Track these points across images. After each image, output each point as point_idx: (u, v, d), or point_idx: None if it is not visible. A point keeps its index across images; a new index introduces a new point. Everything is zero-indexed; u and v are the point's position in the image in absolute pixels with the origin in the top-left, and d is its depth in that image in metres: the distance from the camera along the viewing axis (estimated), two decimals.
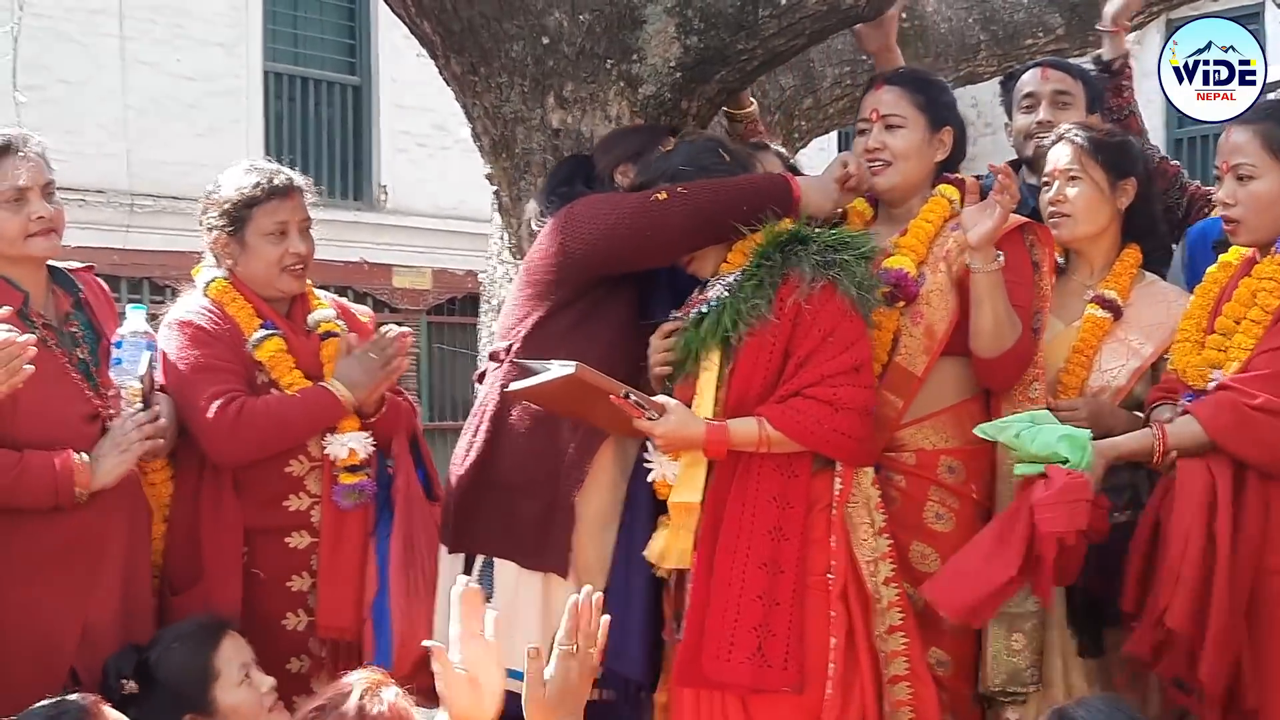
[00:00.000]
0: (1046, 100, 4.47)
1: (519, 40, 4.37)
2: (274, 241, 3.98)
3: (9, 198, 3.67)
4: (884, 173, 3.94)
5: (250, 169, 4.06)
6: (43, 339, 3.68)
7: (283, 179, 4.03)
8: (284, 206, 4.00)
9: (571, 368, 3.50)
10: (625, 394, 3.56)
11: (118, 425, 3.68)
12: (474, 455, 3.88)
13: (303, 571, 3.94)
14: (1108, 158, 3.97)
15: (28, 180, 3.68)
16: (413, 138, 14.39)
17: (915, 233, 3.91)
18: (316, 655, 3.97)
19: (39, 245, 3.71)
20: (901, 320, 3.84)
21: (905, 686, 3.62)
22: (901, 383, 3.83)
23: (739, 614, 3.52)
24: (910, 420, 3.84)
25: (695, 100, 4.44)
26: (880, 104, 3.96)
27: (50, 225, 3.71)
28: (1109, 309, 3.93)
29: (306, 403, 3.91)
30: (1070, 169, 3.96)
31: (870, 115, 3.97)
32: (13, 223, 3.67)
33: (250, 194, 3.97)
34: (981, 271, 3.73)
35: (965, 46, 6.10)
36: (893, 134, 3.94)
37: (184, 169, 11.96)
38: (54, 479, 3.56)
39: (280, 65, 13.98)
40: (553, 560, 3.79)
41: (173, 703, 3.52)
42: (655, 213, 3.72)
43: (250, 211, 3.97)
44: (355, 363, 3.98)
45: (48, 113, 10.42)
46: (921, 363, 3.82)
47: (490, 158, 4.61)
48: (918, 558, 3.79)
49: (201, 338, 3.90)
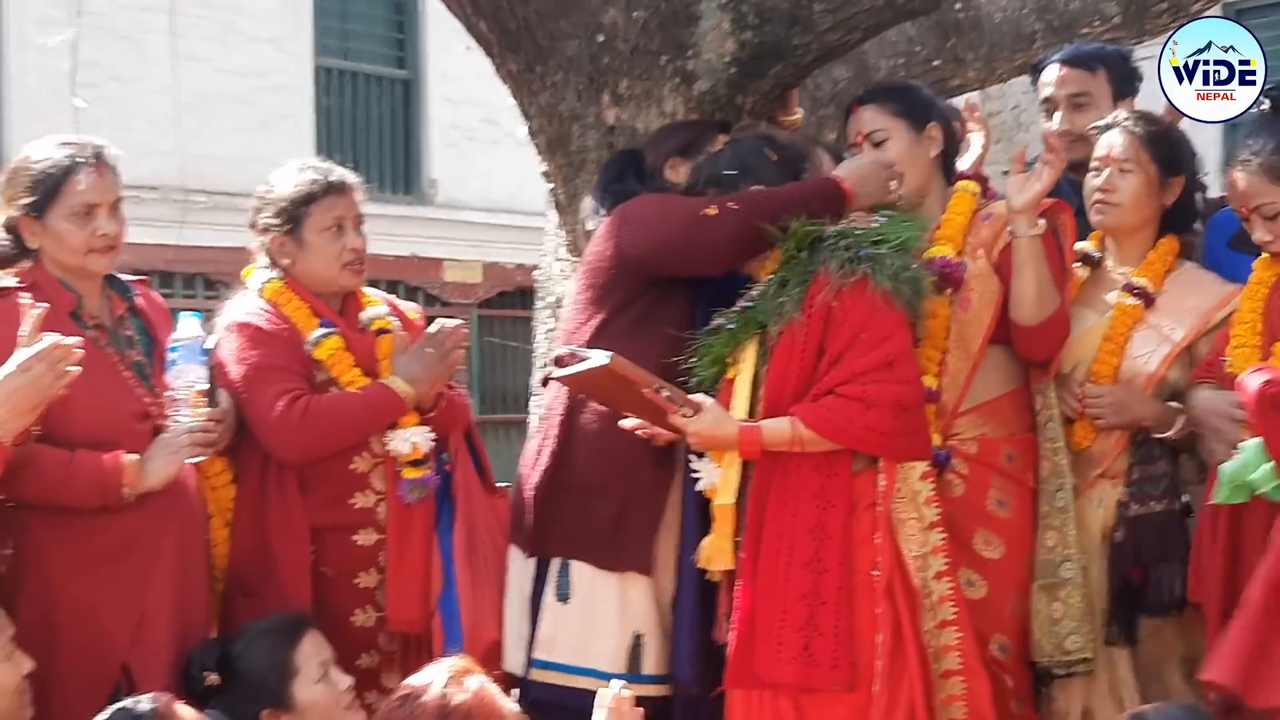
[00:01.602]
0: (1064, 105, 4.40)
1: (574, 38, 4.38)
2: (332, 238, 3.99)
3: (77, 212, 3.68)
4: None
5: (303, 167, 4.07)
6: (94, 339, 3.69)
7: (337, 175, 4.04)
8: (340, 202, 4.01)
9: (606, 358, 3.53)
10: (658, 388, 3.58)
11: (171, 429, 3.70)
12: (546, 459, 3.90)
13: (370, 568, 3.94)
14: (1162, 153, 3.93)
15: (97, 197, 3.69)
16: (462, 131, 14.43)
17: (948, 225, 3.94)
18: (386, 650, 3.97)
19: (98, 263, 3.73)
20: (951, 309, 3.86)
21: (959, 681, 3.61)
22: (955, 372, 3.85)
23: (785, 614, 3.53)
24: (969, 407, 3.86)
25: (750, 95, 4.43)
26: (862, 124, 4.00)
27: (112, 244, 3.73)
28: (1139, 296, 3.91)
29: (369, 399, 3.92)
30: (1124, 159, 3.93)
31: (856, 139, 4.01)
32: (77, 237, 3.68)
33: (307, 191, 3.98)
34: (1024, 237, 3.77)
35: (1020, 36, 6.05)
36: (881, 149, 3.96)
37: (236, 164, 12.03)
38: (102, 478, 3.57)
39: (330, 60, 14.05)
40: (630, 559, 3.81)
41: (252, 696, 3.54)
42: (704, 226, 3.72)
43: (307, 209, 3.97)
44: (412, 359, 3.99)
45: (100, 110, 10.52)
46: (975, 344, 3.85)
47: (546, 155, 4.62)
48: (981, 544, 3.82)
49: (261, 338, 3.91)
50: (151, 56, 12.66)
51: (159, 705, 3.08)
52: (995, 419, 3.88)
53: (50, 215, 3.67)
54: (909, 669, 3.55)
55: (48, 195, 3.66)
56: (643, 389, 3.58)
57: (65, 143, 3.74)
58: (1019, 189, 3.78)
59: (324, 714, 3.58)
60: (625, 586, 3.82)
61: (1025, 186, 3.78)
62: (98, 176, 3.70)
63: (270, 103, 13.23)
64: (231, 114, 12.98)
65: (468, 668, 2.91)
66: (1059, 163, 3.78)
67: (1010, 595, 3.83)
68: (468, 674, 2.88)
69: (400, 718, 2.85)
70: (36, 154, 3.71)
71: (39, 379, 3.29)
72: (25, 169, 3.70)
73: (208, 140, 12.71)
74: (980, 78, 6.25)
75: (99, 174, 3.70)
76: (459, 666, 2.90)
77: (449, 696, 2.81)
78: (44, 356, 3.30)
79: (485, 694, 2.83)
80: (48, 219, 3.67)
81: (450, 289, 14.57)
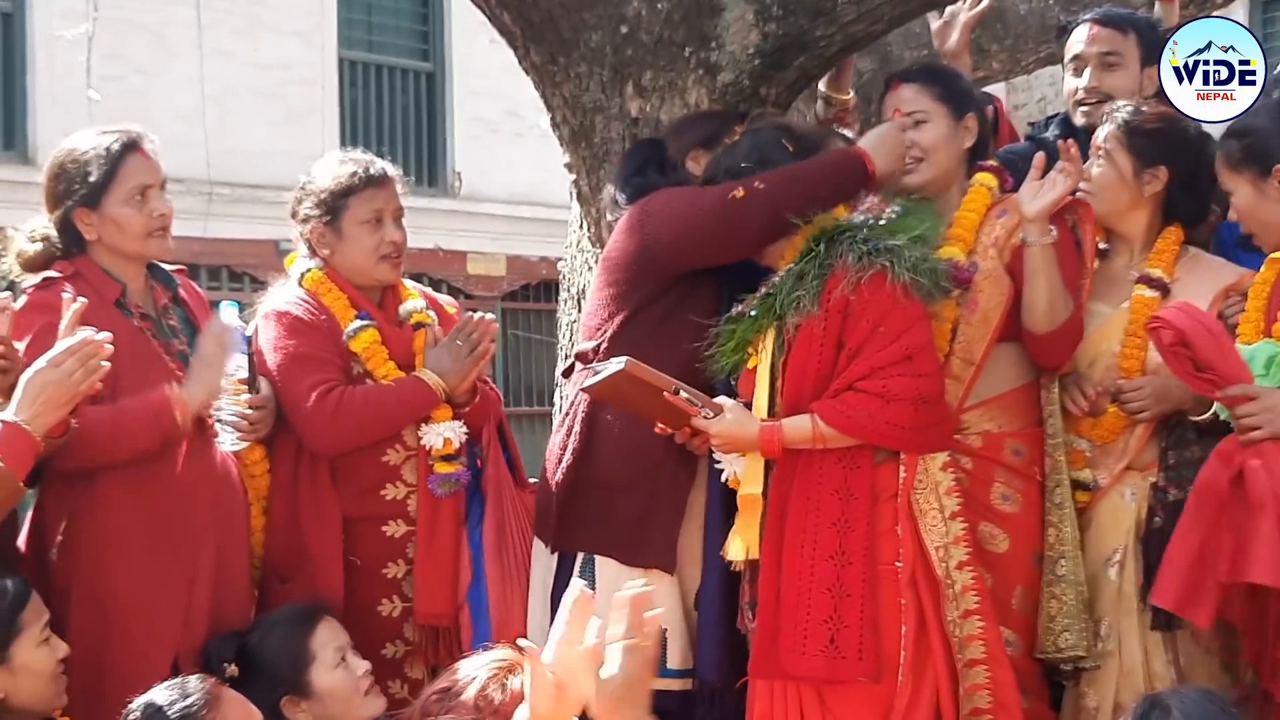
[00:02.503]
0: (1093, 63, 4.33)
1: (598, 30, 4.38)
2: (370, 230, 4.00)
3: (133, 194, 3.70)
4: (917, 169, 3.93)
5: (345, 159, 4.10)
6: (139, 329, 3.73)
7: (378, 168, 4.07)
8: (380, 195, 4.03)
9: (621, 363, 3.53)
10: (676, 389, 3.58)
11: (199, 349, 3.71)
12: (570, 456, 3.90)
13: (398, 559, 3.97)
14: (1136, 144, 3.92)
15: (149, 178, 3.73)
16: (486, 124, 14.44)
17: (961, 222, 3.92)
18: (410, 641, 4.00)
19: (156, 245, 3.77)
20: (959, 309, 3.85)
21: (983, 670, 3.61)
22: (960, 371, 3.85)
23: (810, 607, 3.53)
24: (973, 404, 3.86)
25: (774, 87, 4.42)
26: (901, 102, 3.96)
27: (167, 224, 3.76)
28: (1156, 287, 3.89)
29: (402, 392, 3.94)
30: (1101, 149, 3.93)
31: (892, 115, 3.97)
32: (137, 220, 3.71)
33: (347, 183, 4.00)
34: (1036, 244, 3.76)
35: (1045, 27, 6.04)
36: (919, 130, 3.93)
37: (261, 157, 12.08)
38: (154, 415, 3.59)
39: (355, 53, 14.07)
40: (654, 556, 3.81)
41: (270, 684, 3.57)
42: (733, 211, 3.71)
43: (347, 200, 4.00)
44: (444, 352, 4.01)
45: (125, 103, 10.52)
46: (978, 350, 3.84)
47: (569, 147, 4.62)
48: (986, 538, 3.82)
49: (299, 327, 3.94)
50: (177, 50, 12.69)
51: (209, 685, 3.11)
52: (1004, 414, 3.88)
53: (107, 203, 3.70)
54: (933, 659, 3.56)
55: (102, 183, 3.68)
56: (662, 392, 3.58)
57: (105, 131, 3.77)
58: (1032, 196, 3.77)
59: (342, 700, 3.61)
60: (648, 581, 3.81)
61: (1039, 195, 3.76)
62: (145, 159, 3.74)
63: (295, 96, 13.26)
64: (256, 107, 13.01)
65: (513, 665, 2.90)
66: (1075, 173, 3.77)
67: (1015, 589, 3.83)
68: (512, 672, 2.87)
69: (440, 710, 2.86)
70: (82, 145, 3.73)
71: (71, 374, 3.31)
72: (72, 161, 3.72)
73: (232, 133, 12.75)
74: (1005, 69, 6.25)
75: (144, 156, 3.74)
76: (504, 663, 2.89)
77: (490, 696, 2.81)
78: (76, 351, 3.32)
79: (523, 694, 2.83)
80: (104, 207, 3.70)
81: (474, 282, 14.58)
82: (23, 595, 3.22)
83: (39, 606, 3.25)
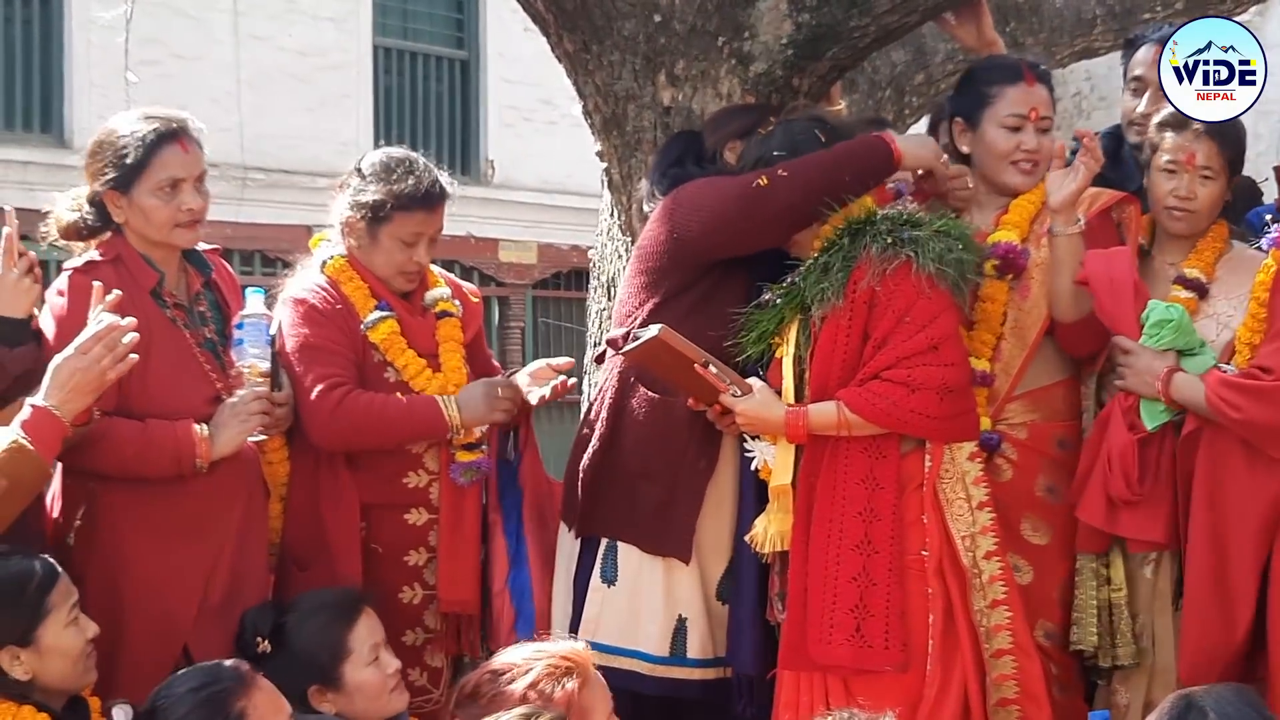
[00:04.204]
0: (1154, 89, 4.29)
1: (631, 18, 4.38)
2: (403, 248, 3.96)
3: (163, 187, 3.69)
4: (1033, 173, 3.93)
5: (409, 169, 3.95)
6: (173, 319, 3.74)
7: (438, 190, 3.97)
8: (428, 220, 3.96)
9: (656, 329, 3.57)
10: (706, 362, 3.60)
11: (238, 395, 3.72)
12: (596, 442, 3.91)
13: (419, 547, 3.97)
14: (1235, 156, 3.91)
15: (183, 172, 3.70)
16: (519, 112, 14.45)
17: (1018, 210, 3.93)
18: (431, 629, 4.01)
19: (183, 237, 3.75)
20: (1010, 295, 3.86)
21: (1010, 660, 3.62)
22: (1009, 359, 3.86)
23: (836, 597, 3.54)
24: (1021, 393, 3.86)
25: (807, 78, 4.42)
26: (1036, 102, 3.94)
27: (197, 218, 3.75)
28: (1193, 288, 3.86)
29: (411, 411, 3.89)
30: (1206, 168, 3.86)
31: (1030, 114, 3.94)
32: (163, 212, 3.70)
33: (400, 200, 3.91)
34: (1062, 235, 3.77)
35: (1081, 21, 6.02)
36: (1045, 136, 3.94)
37: (295, 143, 12.12)
38: (177, 448, 3.61)
39: (389, 40, 14.10)
40: (673, 545, 3.81)
41: (303, 671, 3.55)
42: (758, 198, 3.72)
43: (393, 214, 3.92)
44: (480, 392, 3.96)
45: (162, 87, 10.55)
46: (1029, 337, 3.85)
47: (601, 135, 4.62)
48: (1029, 530, 3.83)
49: (313, 317, 3.91)
50: (214, 34, 12.74)
51: (244, 671, 3.13)
52: (1046, 406, 3.88)
53: (136, 190, 3.69)
54: (961, 649, 3.57)
55: (134, 170, 3.67)
56: (693, 364, 3.60)
57: (150, 116, 3.74)
58: (1057, 184, 3.77)
59: (371, 696, 3.60)
60: (670, 569, 3.83)
61: (1062, 185, 3.77)
62: (183, 151, 3.71)
63: (329, 82, 13.29)
64: (291, 92, 13.04)
65: (570, 666, 2.90)
66: (1094, 164, 3.76)
67: (1058, 582, 3.83)
68: (569, 674, 2.87)
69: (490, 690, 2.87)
70: (122, 128, 3.71)
71: (98, 361, 3.32)
72: (110, 143, 3.71)
73: (267, 118, 12.78)
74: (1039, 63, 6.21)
75: (184, 149, 3.72)
76: (563, 664, 2.89)
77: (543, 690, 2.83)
78: (102, 338, 3.33)
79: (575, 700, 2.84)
80: (134, 194, 3.69)
81: (505, 269, 14.60)
82: (50, 577, 3.22)
83: (67, 588, 3.26)
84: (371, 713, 3.62)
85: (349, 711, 3.59)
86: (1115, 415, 3.72)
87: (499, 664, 2.96)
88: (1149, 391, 3.67)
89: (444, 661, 4.05)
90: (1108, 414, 3.74)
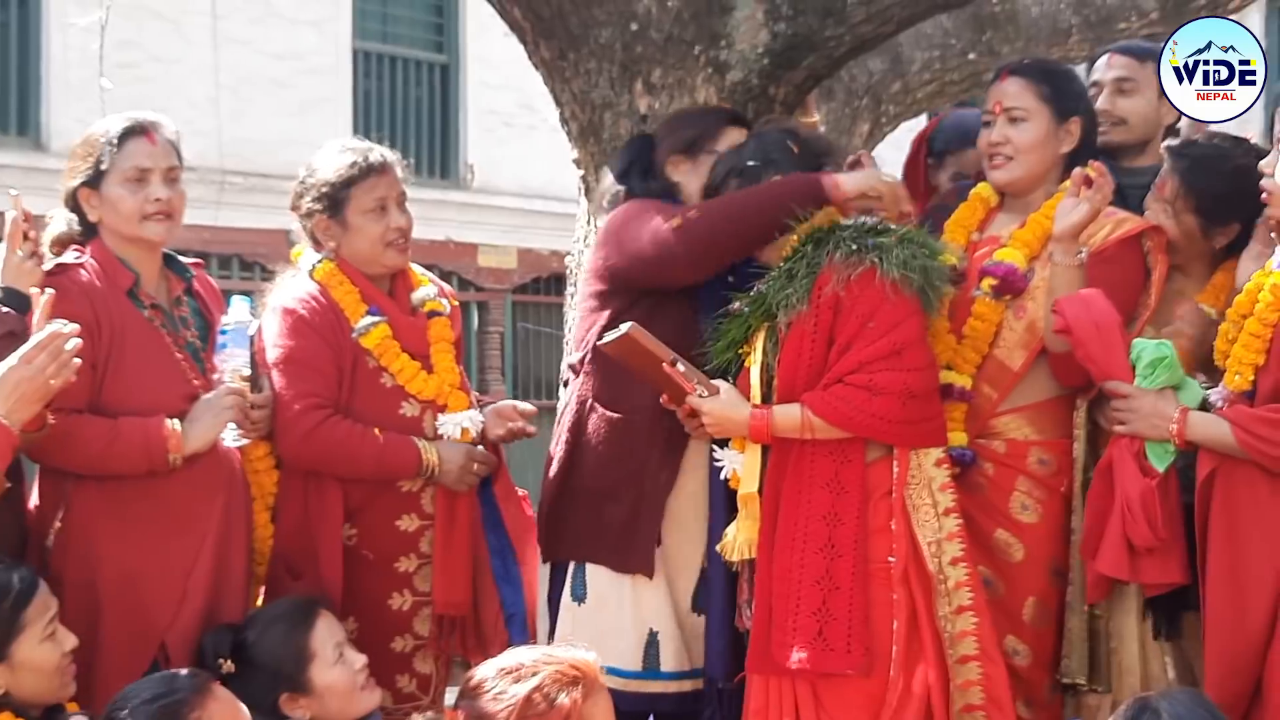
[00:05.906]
0: (1108, 88, 4.35)
1: (608, 26, 4.39)
2: (375, 218, 3.98)
3: (130, 177, 3.72)
4: (1004, 166, 3.91)
5: (342, 149, 4.07)
6: (149, 319, 3.74)
7: (376, 155, 4.04)
8: (381, 182, 4.01)
9: (626, 327, 3.62)
10: (673, 361, 3.64)
11: (213, 391, 3.73)
12: (557, 464, 3.96)
13: (410, 553, 3.98)
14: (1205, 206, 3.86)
15: (149, 162, 3.73)
16: (499, 117, 14.45)
17: (1032, 227, 3.88)
18: (420, 635, 4.01)
19: (153, 229, 3.76)
20: (1006, 313, 3.84)
21: (975, 666, 3.63)
22: (998, 375, 3.84)
23: (799, 600, 3.56)
24: (1005, 409, 3.85)
25: (783, 86, 4.44)
26: (1004, 96, 3.91)
27: (167, 210, 3.75)
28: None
29: (385, 452, 3.89)
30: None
31: (994, 108, 3.92)
32: (130, 202, 3.72)
33: (348, 174, 3.98)
34: (1061, 265, 3.73)
35: (1057, 31, 6.04)
36: (1015, 127, 3.89)
37: (274, 147, 12.07)
38: (147, 444, 3.61)
39: (369, 44, 14.08)
40: (637, 562, 3.84)
41: (270, 682, 3.57)
42: (669, 241, 3.78)
43: (349, 191, 3.97)
44: (460, 454, 3.96)
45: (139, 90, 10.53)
46: (1020, 357, 3.83)
47: (578, 143, 4.64)
48: (1001, 545, 3.82)
49: (300, 329, 3.90)
50: (191, 38, 12.70)
51: (199, 680, 3.12)
52: (1037, 422, 3.86)
53: (105, 183, 3.72)
54: (925, 654, 3.58)
55: (103, 164, 3.71)
56: (662, 363, 3.64)
57: (125, 117, 3.80)
58: (1065, 212, 3.73)
59: (341, 695, 3.62)
60: (638, 585, 3.86)
61: (1069, 214, 3.72)
62: (150, 144, 3.75)
63: (308, 86, 13.27)
64: (270, 96, 13.02)
65: (578, 676, 2.91)
66: (1101, 199, 3.72)
67: (1027, 600, 3.82)
68: (574, 683, 2.88)
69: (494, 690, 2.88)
70: (97, 129, 3.77)
71: (42, 370, 3.31)
72: (85, 143, 3.77)
73: (246, 122, 12.76)
74: None
75: (151, 141, 3.75)
76: (570, 672, 2.90)
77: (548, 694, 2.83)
78: (45, 346, 3.32)
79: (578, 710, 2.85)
80: (104, 187, 3.73)
81: (485, 274, 14.59)
82: (27, 592, 3.20)
83: (45, 601, 3.24)
84: (347, 711, 3.64)
85: (323, 714, 3.61)
86: (1123, 461, 3.58)
87: (509, 662, 2.97)
88: (1160, 435, 3.53)
89: (433, 667, 4.05)
90: (1107, 462, 3.63)
